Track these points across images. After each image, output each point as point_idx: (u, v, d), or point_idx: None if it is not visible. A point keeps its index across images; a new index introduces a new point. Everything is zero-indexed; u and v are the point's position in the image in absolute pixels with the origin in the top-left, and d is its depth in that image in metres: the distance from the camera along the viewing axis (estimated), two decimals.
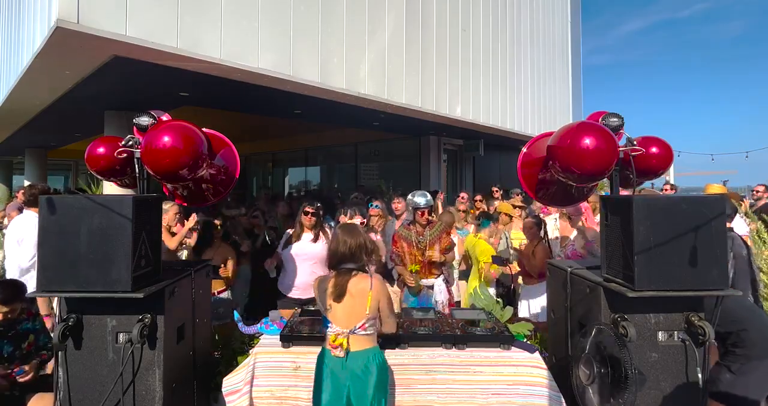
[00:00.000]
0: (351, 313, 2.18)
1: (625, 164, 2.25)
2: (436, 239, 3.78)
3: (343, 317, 2.18)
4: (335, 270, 2.25)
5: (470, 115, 8.33)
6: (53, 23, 3.33)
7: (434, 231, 3.82)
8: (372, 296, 2.18)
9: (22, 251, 3.56)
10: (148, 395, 2.08)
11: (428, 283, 3.79)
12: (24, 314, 2.80)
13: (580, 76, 15.54)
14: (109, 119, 6.63)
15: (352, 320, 2.17)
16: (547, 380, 2.45)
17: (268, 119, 9.14)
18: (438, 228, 3.86)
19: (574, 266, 2.53)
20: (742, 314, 2.54)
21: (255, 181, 16.76)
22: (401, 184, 11.10)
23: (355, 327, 2.17)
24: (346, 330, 2.17)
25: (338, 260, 2.25)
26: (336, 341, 2.15)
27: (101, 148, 2.33)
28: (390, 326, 2.33)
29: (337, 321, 2.19)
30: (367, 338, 2.21)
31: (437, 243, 3.77)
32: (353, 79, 5.90)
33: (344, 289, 2.18)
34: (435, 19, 7.41)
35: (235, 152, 2.66)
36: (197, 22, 4.22)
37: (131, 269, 1.93)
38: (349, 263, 2.23)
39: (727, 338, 2.59)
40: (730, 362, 2.58)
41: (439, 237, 3.81)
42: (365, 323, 2.18)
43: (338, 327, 2.18)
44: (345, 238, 2.26)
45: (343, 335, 2.16)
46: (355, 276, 2.21)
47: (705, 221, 1.93)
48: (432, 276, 3.81)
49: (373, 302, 2.19)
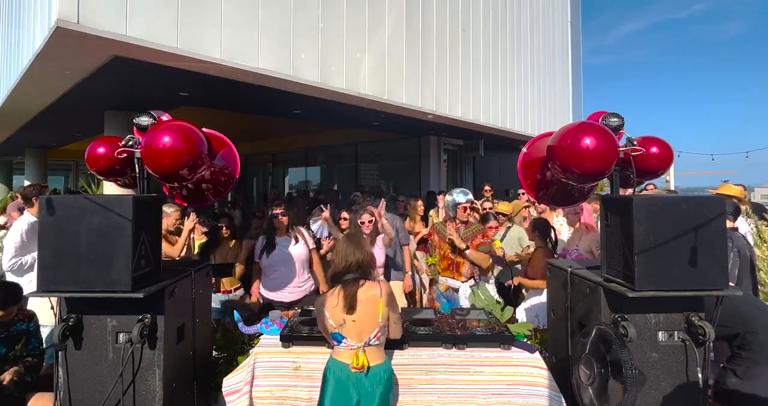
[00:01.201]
0: (363, 324, 2.14)
1: (626, 164, 2.25)
2: (468, 239, 3.79)
3: (357, 330, 2.14)
4: (339, 282, 2.20)
5: (470, 115, 8.33)
6: (53, 23, 3.33)
7: (468, 231, 3.83)
8: (383, 302, 2.16)
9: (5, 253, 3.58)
10: (148, 395, 2.08)
11: (454, 285, 3.78)
12: (19, 316, 2.80)
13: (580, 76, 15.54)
14: (109, 119, 6.63)
15: (365, 332, 2.14)
16: (547, 380, 2.45)
17: (268, 119, 9.14)
18: (473, 229, 3.87)
19: (575, 266, 2.53)
20: (751, 314, 2.45)
21: (255, 181, 16.77)
22: (401, 184, 11.10)
23: (369, 338, 2.14)
24: (362, 344, 2.14)
25: (345, 271, 2.21)
26: (358, 361, 2.09)
27: (101, 148, 2.33)
28: (397, 332, 2.31)
29: (352, 336, 2.14)
30: (379, 351, 2.20)
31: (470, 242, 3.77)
32: (353, 79, 5.90)
33: (354, 300, 2.13)
34: (435, 19, 7.41)
35: (235, 152, 2.65)
36: (197, 22, 4.22)
37: (131, 269, 1.93)
38: (355, 273, 2.20)
39: (733, 340, 2.50)
40: (736, 365, 2.50)
41: (472, 237, 3.81)
42: (378, 332, 2.16)
43: (353, 342, 2.14)
44: (354, 249, 2.23)
45: (360, 349, 2.13)
46: (363, 285, 2.18)
47: (705, 221, 1.93)
48: (459, 278, 3.78)
49: (385, 309, 2.17)
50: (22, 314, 2.83)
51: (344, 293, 2.15)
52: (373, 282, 2.22)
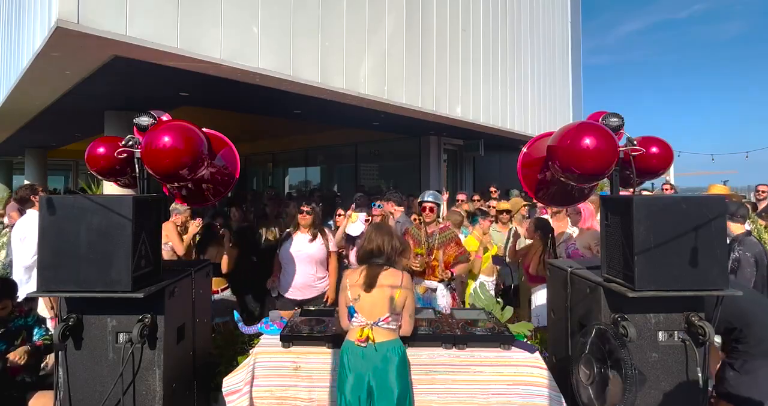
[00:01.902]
0: (377, 305, 2.24)
1: (626, 164, 2.25)
2: (443, 245, 3.70)
3: (369, 307, 2.24)
4: (366, 264, 2.34)
5: (470, 115, 8.33)
6: (53, 23, 3.33)
7: (444, 236, 3.72)
8: (401, 292, 2.26)
9: (25, 249, 3.58)
10: (148, 395, 2.08)
11: (432, 285, 3.75)
12: (16, 311, 2.79)
13: (580, 76, 15.54)
14: (109, 119, 6.64)
15: (377, 312, 2.23)
16: (547, 380, 2.45)
17: (268, 119, 9.14)
18: (447, 235, 3.74)
19: (575, 266, 2.53)
20: (749, 308, 2.45)
21: (255, 181, 16.76)
22: (401, 184, 11.10)
23: (378, 320, 2.22)
24: (371, 322, 2.22)
25: (368, 254, 2.34)
26: (363, 333, 2.19)
27: (101, 148, 2.33)
28: (409, 328, 2.37)
29: (364, 312, 2.24)
30: (389, 331, 2.26)
31: (444, 249, 3.68)
32: (353, 79, 5.90)
33: (375, 280, 2.26)
34: (435, 19, 7.41)
35: (235, 152, 2.65)
36: (197, 22, 4.22)
37: (131, 269, 1.93)
38: (379, 258, 2.32)
39: (731, 333, 2.51)
40: (733, 359, 2.52)
41: (446, 243, 3.69)
42: (389, 317, 2.24)
43: (363, 318, 2.24)
44: (373, 235, 2.37)
45: (368, 326, 2.21)
46: (386, 270, 2.30)
47: (705, 221, 1.93)
48: (435, 279, 3.76)
49: (401, 298, 2.26)
50: (20, 310, 2.83)
51: (367, 272, 2.29)
52: (397, 271, 2.33)
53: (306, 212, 3.80)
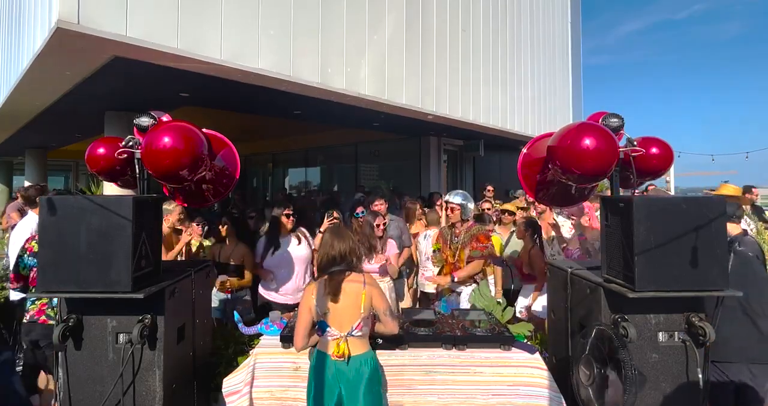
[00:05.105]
0: (346, 313, 2.19)
1: (626, 165, 2.25)
2: (468, 242, 3.72)
3: (339, 318, 2.20)
4: (327, 273, 2.26)
5: (470, 115, 8.32)
6: (53, 24, 3.33)
7: (468, 235, 3.73)
8: (365, 294, 2.21)
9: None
10: (148, 396, 2.08)
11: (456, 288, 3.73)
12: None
13: (580, 76, 15.53)
14: (110, 120, 6.63)
15: (347, 321, 2.19)
16: (547, 381, 2.45)
17: (268, 119, 9.13)
18: (474, 231, 3.76)
19: (575, 266, 2.53)
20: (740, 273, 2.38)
21: (255, 182, 16.76)
22: (401, 184, 11.10)
23: (351, 328, 2.18)
24: (344, 333, 2.18)
25: (330, 262, 2.26)
26: (339, 349, 2.15)
27: (101, 148, 2.33)
28: (390, 326, 2.32)
29: (336, 324, 2.19)
30: (362, 341, 2.23)
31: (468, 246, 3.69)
32: (353, 80, 5.90)
33: (339, 288, 2.20)
34: (435, 19, 7.41)
35: (235, 153, 2.65)
36: (197, 22, 4.22)
37: (131, 270, 1.93)
38: (340, 265, 2.25)
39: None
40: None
41: (470, 241, 3.71)
42: (360, 323, 2.19)
43: (336, 331, 2.18)
44: (335, 242, 2.29)
45: (342, 339, 2.17)
46: (347, 276, 2.25)
47: (705, 222, 1.93)
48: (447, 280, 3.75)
49: (366, 301, 2.21)
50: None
51: (330, 281, 2.23)
52: (358, 274, 2.28)
53: (290, 216, 3.81)
